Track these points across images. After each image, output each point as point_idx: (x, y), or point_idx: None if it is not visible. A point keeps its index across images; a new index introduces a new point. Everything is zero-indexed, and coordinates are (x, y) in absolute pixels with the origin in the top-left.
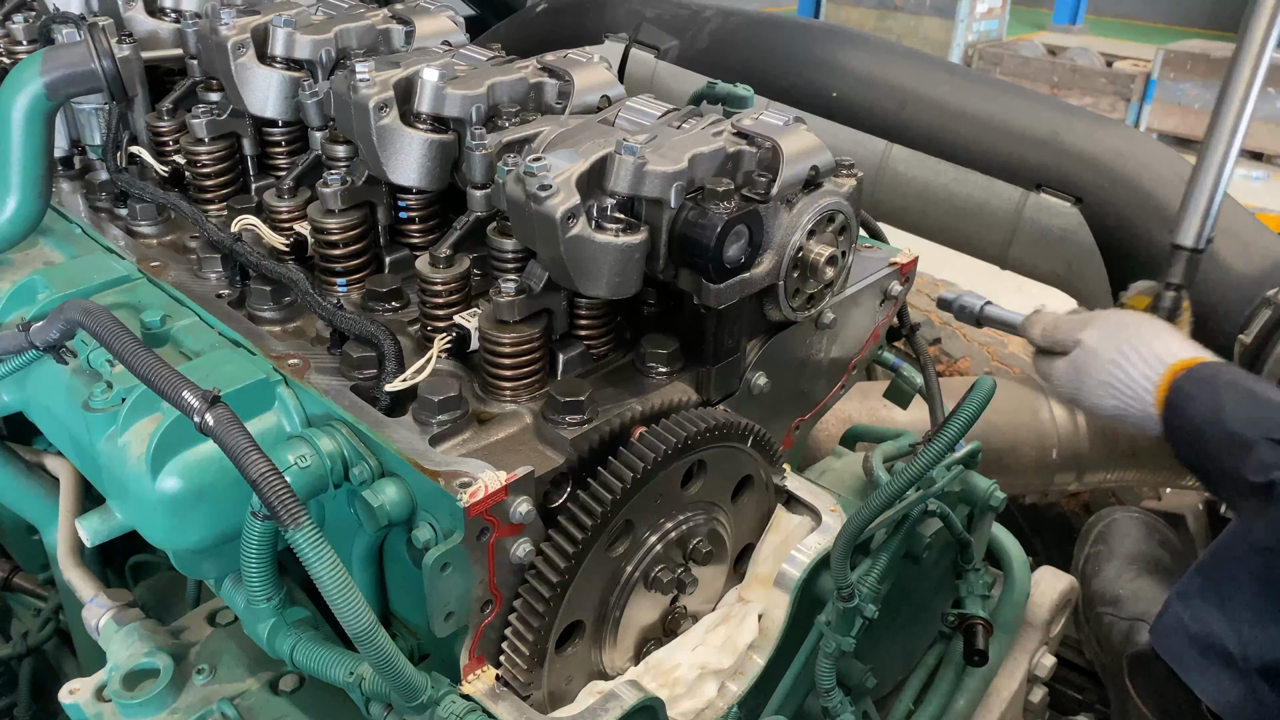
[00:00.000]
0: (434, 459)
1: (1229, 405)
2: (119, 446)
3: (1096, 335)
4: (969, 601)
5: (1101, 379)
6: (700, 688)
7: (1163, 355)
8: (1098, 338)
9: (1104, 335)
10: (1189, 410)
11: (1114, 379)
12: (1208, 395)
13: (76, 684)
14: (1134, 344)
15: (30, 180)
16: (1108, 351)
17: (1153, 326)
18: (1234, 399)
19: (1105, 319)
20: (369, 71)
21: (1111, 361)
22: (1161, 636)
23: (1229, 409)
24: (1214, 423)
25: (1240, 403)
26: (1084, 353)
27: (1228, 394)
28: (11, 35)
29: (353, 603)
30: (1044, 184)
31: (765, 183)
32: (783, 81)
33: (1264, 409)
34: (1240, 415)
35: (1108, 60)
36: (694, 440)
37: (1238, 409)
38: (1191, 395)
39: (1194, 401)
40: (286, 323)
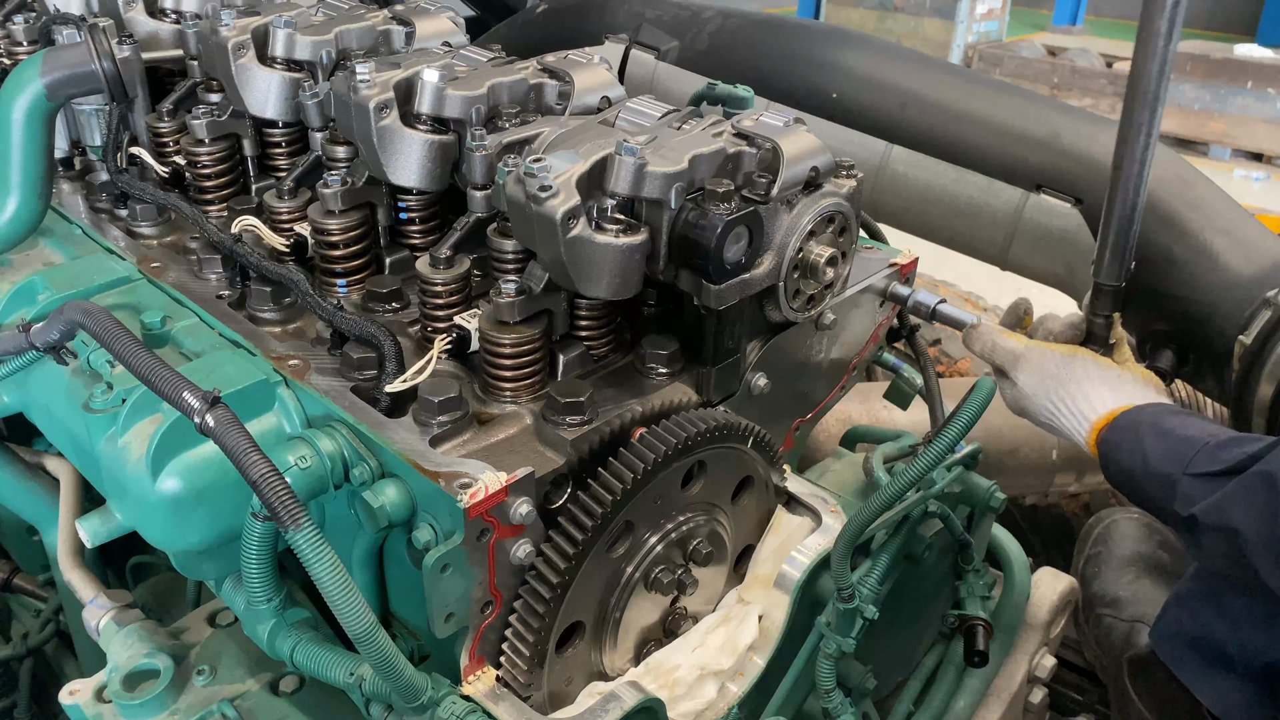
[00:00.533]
0: (434, 460)
1: (1149, 446)
2: (119, 447)
3: (1028, 381)
4: (969, 602)
5: (1040, 419)
6: (700, 689)
7: (1086, 411)
8: (1029, 385)
9: (1035, 384)
10: (1118, 458)
11: (1051, 424)
12: (1131, 441)
13: (77, 685)
14: (1061, 398)
15: (31, 181)
16: (1040, 399)
17: (1075, 377)
18: (1153, 439)
19: (1033, 361)
20: (369, 72)
21: (1044, 409)
22: (1161, 640)
23: (1150, 450)
24: (1141, 466)
25: (1159, 441)
26: (1020, 395)
27: (1148, 436)
28: (12, 36)
29: (353, 604)
30: (1044, 185)
31: (765, 184)
32: (783, 82)
33: (1180, 445)
34: (1160, 454)
35: (1108, 61)
36: (694, 441)
37: (1157, 448)
38: (1117, 444)
39: (1120, 449)
40: (287, 323)
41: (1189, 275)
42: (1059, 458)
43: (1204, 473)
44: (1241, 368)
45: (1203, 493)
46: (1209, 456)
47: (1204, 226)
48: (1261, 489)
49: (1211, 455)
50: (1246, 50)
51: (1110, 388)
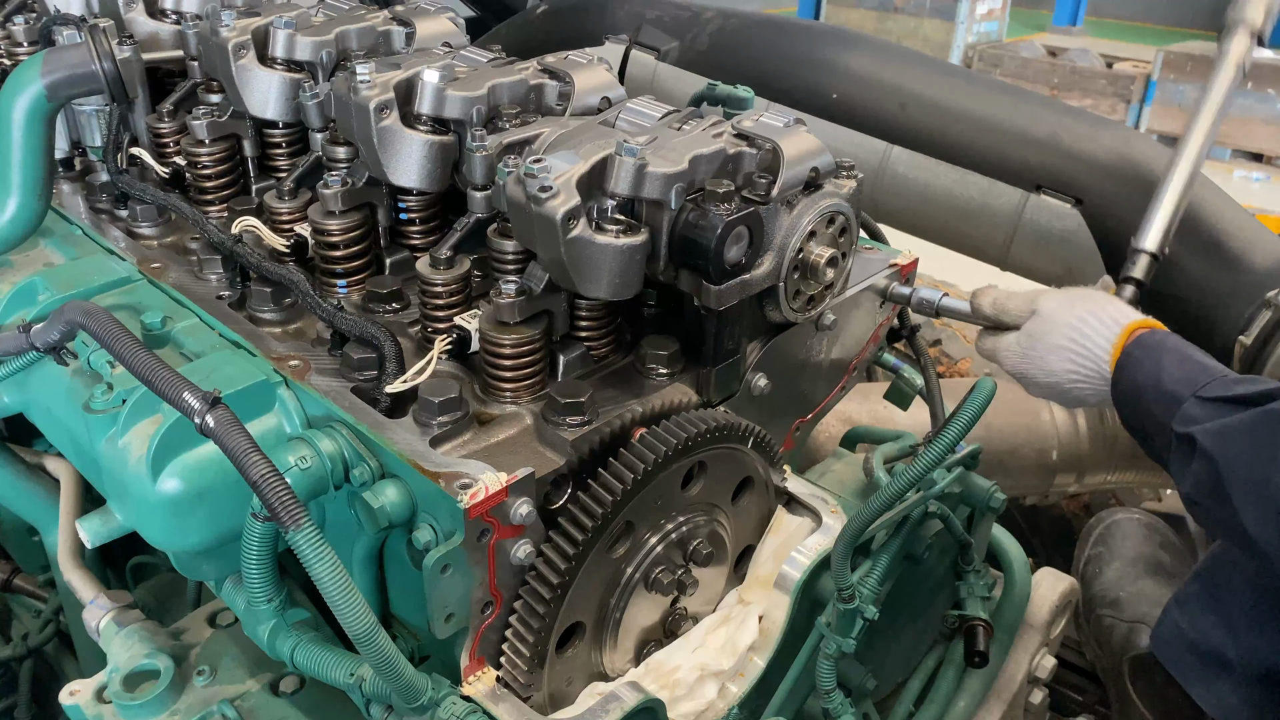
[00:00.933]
0: (434, 460)
1: (1167, 366)
2: (119, 448)
3: (1055, 302)
4: (969, 603)
5: (1058, 342)
6: (701, 689)
7: (1118, 317)
8: (1056, 304)
9: (1063, 302)
10: (1133, 371)
11: (1071, 341)
12: (1150, 358)
13: (77, 685)
14: (1091, 309)
15: (31, 182)
16: (1066, 315)
17: (1104, 295)
18: (1172, 361)
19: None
20: (369, 73)
21: (1069, 325)
22: (1161, 643)
23: (1166, 369)
24: (1153, 383)
25: (1177, 364)
26: (1040, 319)
27: (1167, 357)
28: (12, 37)
29: (353, 604)
30: (1044, 185)
31: (765, 184)
32: (783, 83)
33: (1196, 370)
34: (1174, 375)
35: (1108, 62)
36: (694, 442)
37: (1174, 369)
38: (1137, 358)
39: (1139, 364)
40: (287, 324)
41: (1189, 275)
42: (1059, 458)
43: (1213, 397)
44: (1241, 368)
45: (1206, 416)
46: (1222, 384)
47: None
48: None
49: (1225, 384)
50: None
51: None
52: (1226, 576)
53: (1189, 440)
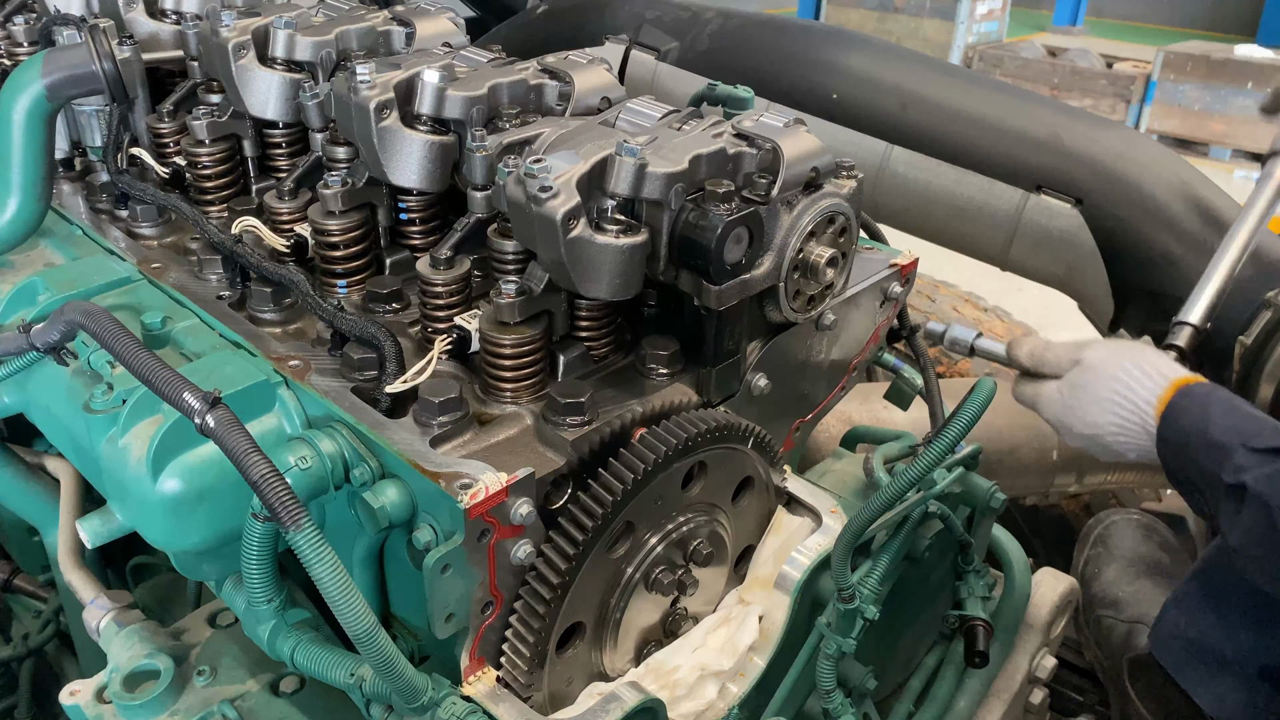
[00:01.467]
0: (435, 460)
1: (1215, 417)
2: (119, 448)
3: (1100, 354)
4: (969, 603)
5: (1102, 394)
6: (701, 689)
7: (1166, 372)
8: (1102, 355)
9: (1109, 353)
10: (1181, 422)
11: (1115, 393)
12: (1198, 408)
13: (77, 685)
14: (1138, 362)
15: (31, 182)
16: (1111, 368)
17: (1148, 348)
18: (1220, 412)
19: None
20: (369, 73)
21: (1115, 377)
22: (1160, 643)
23: (1214, 420)
24: (1200, 432)
25: (1225, 415)
26: (1084, 370)
27: (1215, 407)
28: (12, 37)
29: (353, 604)
30: (1044, 185)
31: (765, 184)
32: (783, 83)
33: (1245, 421)
34: (1223, 425)
35: (1108, 62)
36: (694, 442)
37: (1222, 420)
38: (1185, 409)
39: (1186, 414)
40: (287, 324)
41: (1189, 275)
42: (1059, 458)
43: (1266, 448)
44: (1241, 368)
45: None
46: (1274, 435)
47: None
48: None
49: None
50: (1247, 51)
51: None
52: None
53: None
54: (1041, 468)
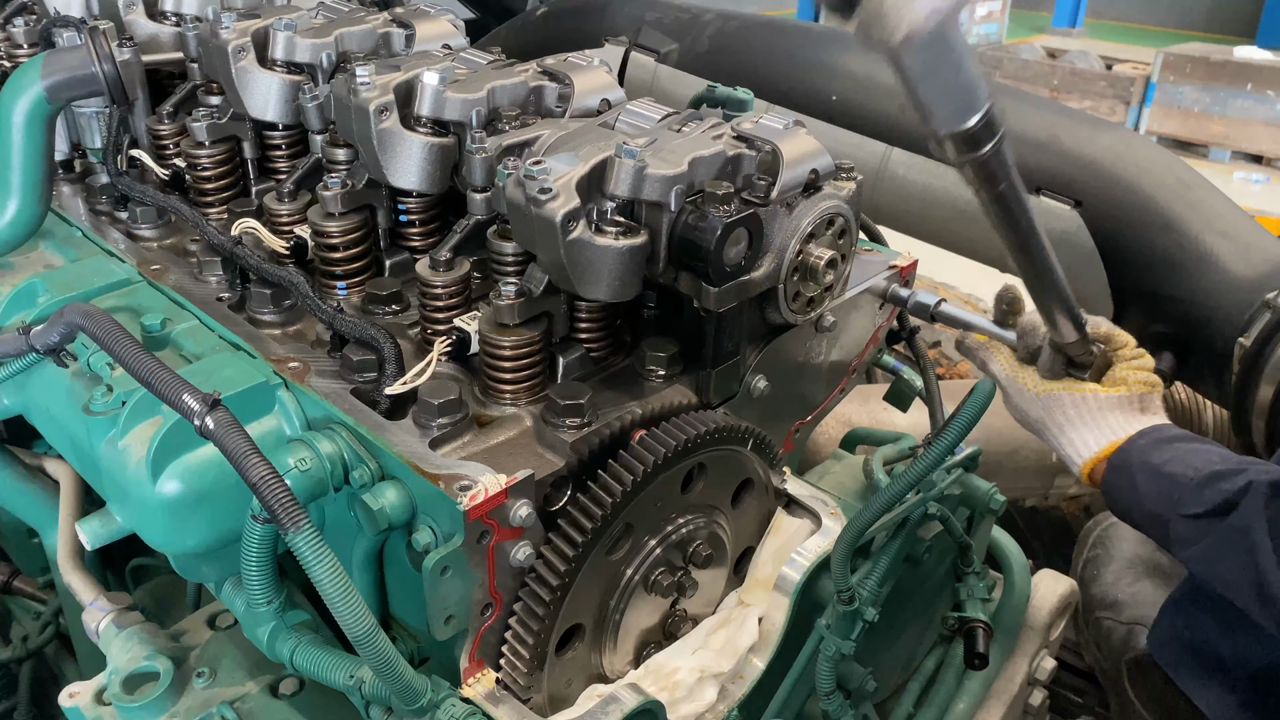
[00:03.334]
0: (434, 462)
1: (1142, 487)
2: (119, 450)
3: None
4: (969, 604)
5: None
6: (700, 691)
7: (1074, 457)
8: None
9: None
10: (1116, 499)
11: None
12: (1125, 483)
13: (76, 687)
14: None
15: (31, 184)
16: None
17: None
18: (1144, 479)
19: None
20: (369, 75)
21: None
22: (1158, 644)
23: (1143, 491)
24: (1137, 507)
25: (1150, 482)
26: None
27: (1139, 476)
28: (12, 39)
29: (353, 606)
30: (1043, 187)
31: (765, 186)
32: (782, 85)
33: (1168, 485)
34: (1153, 495)
35: (1107, 63)
36: (694, 443)
37: (1150, 489)
38: (1115, 484)
39: (1118, 490)
40: (287, 326)
41: (1188, 277)
42: (1059, 460)
43: (1190, 514)
44: (1241, 370)
45: (1192, 534)
46: (1193, 497)
47: (1203, 229)
48: (1239, 544)
49: (1196, 495)
50: (1246, 53)
51: (1091, 427)
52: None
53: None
54: (1041, 469)
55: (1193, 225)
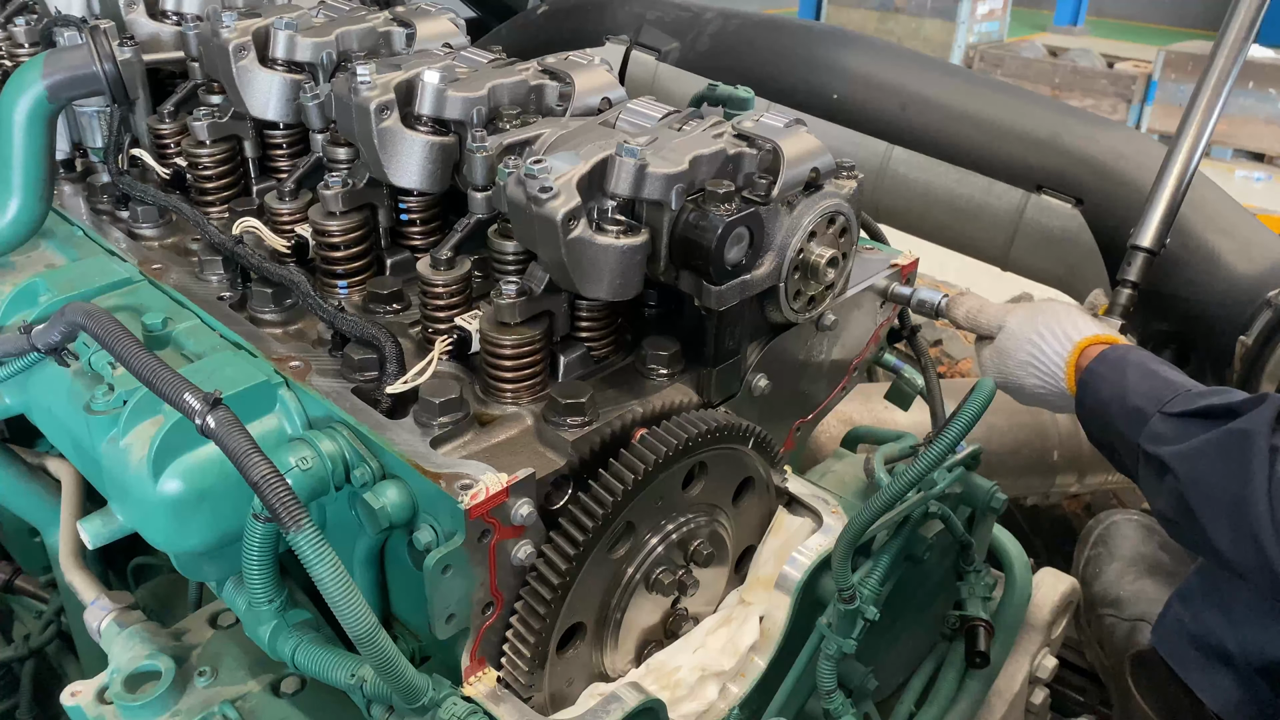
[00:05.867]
0: (435, 461)
1: (1132, 382)
2: (120, 449)
3: (1017, 319)
4: (970, 603)
5: (1021, 358)
6: (702, 690)
7: (1070, 333)
8: (1018, 320)
9: (1023, 318)
10: (1099, 388)
11: (1032, 358)
12: (1115, 374)
13: (78, 686)
14: (1048, 323)
15: (32, 183)
16: (1026, 331)
17: (1065, 309)
18: (1136, 376)
19: (1026, 305)
20: (370, 74)
21: (1029, 340)
22: (1163, 637)
23: (1131, 385)
24: (1118, 399)
25: (1141, 380)
26: (1006, 336)
27: (1132, 373)
28: (13, 38)
29: (354, 605)
30: (1045, 185)
31: (766, 185)
32: (783, 83)
33: (1160, 385)
34: (1140, 390)
35: (1109, 61)
36: (695, 442)
37: (1139, 385)
38: (1102, 375)
39: (1103, 380)
40: (288, 325)
41: (1190, 275)
42: (1060, 458)
43: (1178, 412)
44: (1242, 368)
45: (1172, 432)
46: (1186, 399)
47: (1205, 227)
48: (1236, 447)
49: (1189, 398)
50: None
51: (1100, 325)
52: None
53: (1158, 461)
54: (1042, 468)
55: (1194, 223)
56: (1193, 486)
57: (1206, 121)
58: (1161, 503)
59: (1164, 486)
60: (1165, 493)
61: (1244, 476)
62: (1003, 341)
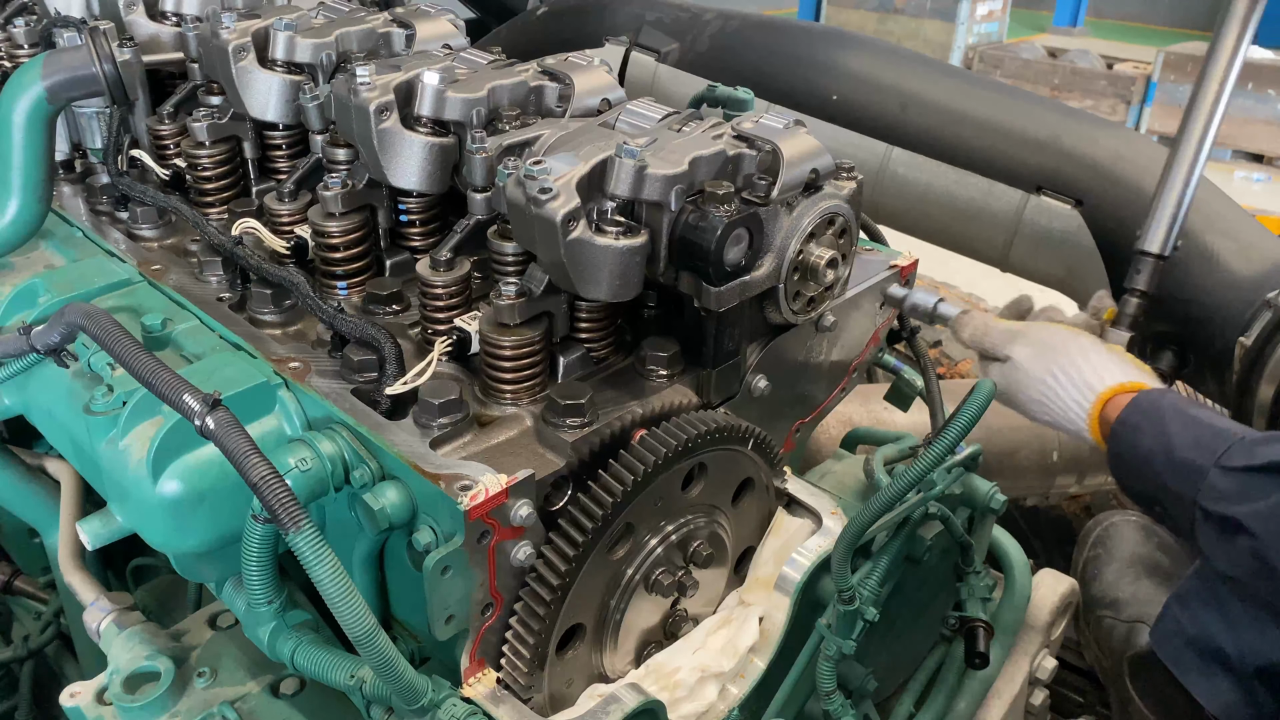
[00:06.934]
0: (435, 462)
1: (1175, 432)
2: (120, 450)
3: (1026, 354)
4: (970, 604)
5: (1033, 396)
6: (701, 691)
7: (1092, 382)
8: (1027, 356)
9: (1033, 355)
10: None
11: (1045, 399)
12: (1153, 425)
13: (77, 687)
14: (1063, 367)
15: (31, 184)
16: (1037, 371)
17: (1080, 347)
18: (1180, 426)
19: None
20: (369, 75)
21: (1042, 382)
22: (1161, 639)
23: (1176, 435)
24: (1163, 452)
25: (1185, 429)
26: (1014, 369)
27: (1172, 422)
28: (13, 39)
29: (353, 606)
30: (1044, 186)
31: (765, 186)
32: (783, 84)
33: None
34: (1187, 442)
35: (1108, 62)
36: (694, 443)
37: (1183, 435)
38: (1138, 426)
39: (1140, 432)
40: (287, 326)
41: (1190, 277)
42: (1060, 459)
43: (1239, 466)
44: (1242, 369)
45: (1237, 488)
46: (1244, 451)
47: (1205, 228)
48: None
49: (1248, 450)
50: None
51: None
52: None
53: (1229, 520)
54: (1042, 469)
55: (1194, 224)
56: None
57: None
58: (1228, 563)
59: (1235, 547)
60: (1237, 553)
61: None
62: (1011, 374)
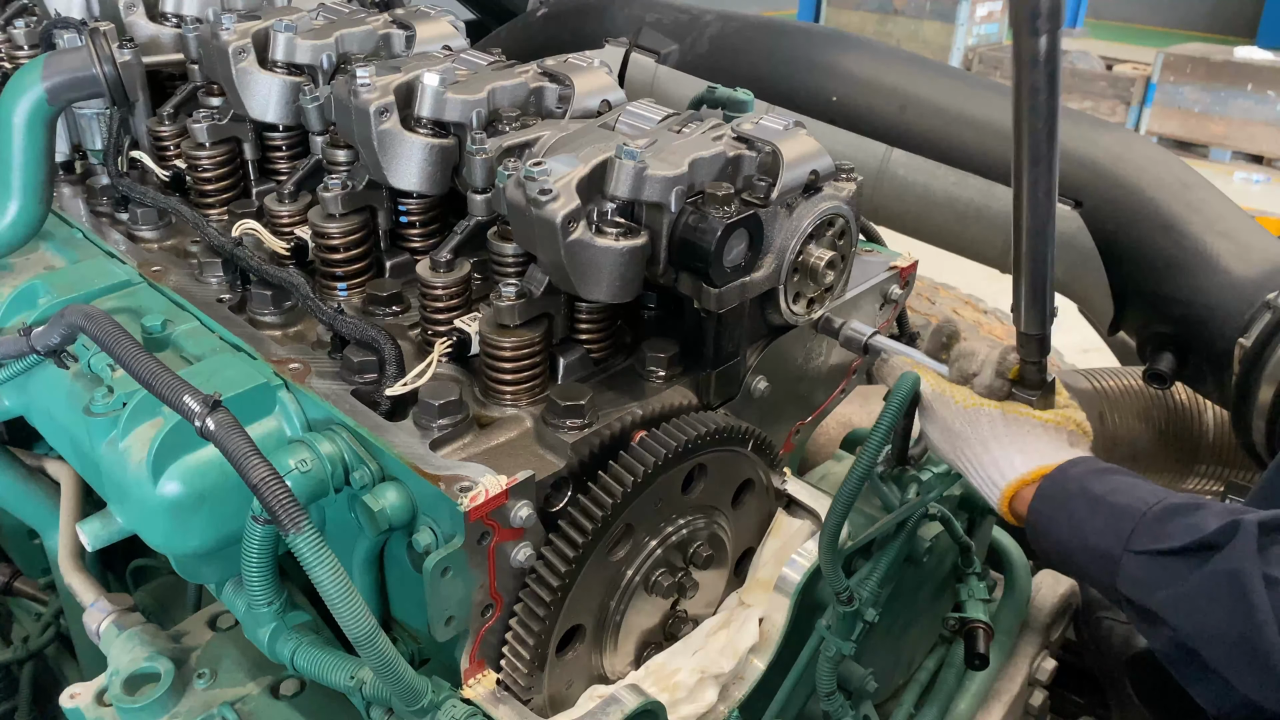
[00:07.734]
0: (434, 463)
1: (1084, 519)
2: (120, 451)
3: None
4: (970, 605)
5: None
6: (701, 692)
7: (995, 479)
8: (934, 436)
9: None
10: (1050, 533)
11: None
12: (1063, 513)
13: (77, 688)
14: (968, 458)
15: (31, 185)
16: (946, 454)
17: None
18: (1087, 511)
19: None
20: (370, 76)
21: (954, 466)
22: None
23: (1084, 523)
24: (1078, 540)
25: (1093, 513)
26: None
27: (1079, 507)
28: (13, 40)
29: (353, 607)
30: None
31: (765, 187)
32: (782, 86)
33: (1114, 514)
34: (1097, 527)
35: (1107, 64)
36: (694, 444)
37: (1094, 521)
38: (1050, 517)
39: (1053, 523)
40: (287, 327)
41: (1189, 278)
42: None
43: (1148, 550)
44: (1241, 370)
45: (1148, 575)
46: (1150, 531)
47: (1204, 229)
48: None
49: (1152, 530)
50: (1247, 53)
51: (1019, 448)
52: None
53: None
54: None
55: (1193, 225)
56: (1197, 636)
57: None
58: (1158, 646)
59: (1159, 635)
60: (1163, 642)
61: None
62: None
